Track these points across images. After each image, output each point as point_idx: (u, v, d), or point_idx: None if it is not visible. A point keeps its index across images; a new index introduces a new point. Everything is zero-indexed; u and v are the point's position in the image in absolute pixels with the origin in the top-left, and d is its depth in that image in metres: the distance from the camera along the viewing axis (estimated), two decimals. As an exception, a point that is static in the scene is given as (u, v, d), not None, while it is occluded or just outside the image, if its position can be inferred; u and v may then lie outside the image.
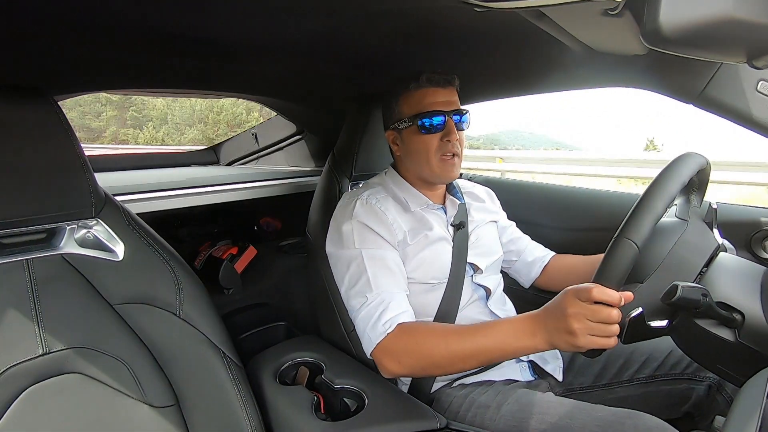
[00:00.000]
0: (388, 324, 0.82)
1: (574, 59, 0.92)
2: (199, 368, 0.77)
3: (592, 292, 0.64)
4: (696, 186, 0.81)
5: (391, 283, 0.87)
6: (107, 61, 0.97)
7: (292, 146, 1.82)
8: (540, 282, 1.14)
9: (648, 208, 0.64)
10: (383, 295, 0.85)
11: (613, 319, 0.64)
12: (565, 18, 0.62)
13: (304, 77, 1.27)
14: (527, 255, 1.14)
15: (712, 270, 0.65)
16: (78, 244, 0.74)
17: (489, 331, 0.76)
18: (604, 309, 0.64)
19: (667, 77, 0.87)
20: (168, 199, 1.16)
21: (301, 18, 0.80)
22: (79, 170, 0.72)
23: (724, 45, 0.40)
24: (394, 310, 0.83)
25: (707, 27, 0.37)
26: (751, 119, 0.79)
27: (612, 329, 0.65)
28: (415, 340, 0.80)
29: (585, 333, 0.65)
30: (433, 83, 0.95)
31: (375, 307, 0.84)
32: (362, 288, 0.87)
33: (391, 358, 0.81)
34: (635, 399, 0.92)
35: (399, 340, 0.81)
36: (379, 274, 0.87)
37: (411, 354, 0.80)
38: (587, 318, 0.65)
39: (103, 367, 0.70)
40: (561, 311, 0.68)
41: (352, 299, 0.88)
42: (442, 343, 0.78)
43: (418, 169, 0.99)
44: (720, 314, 0.60)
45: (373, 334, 0.82)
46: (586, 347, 0.66)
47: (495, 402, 0.84)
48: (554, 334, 0.69)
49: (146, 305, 0.76)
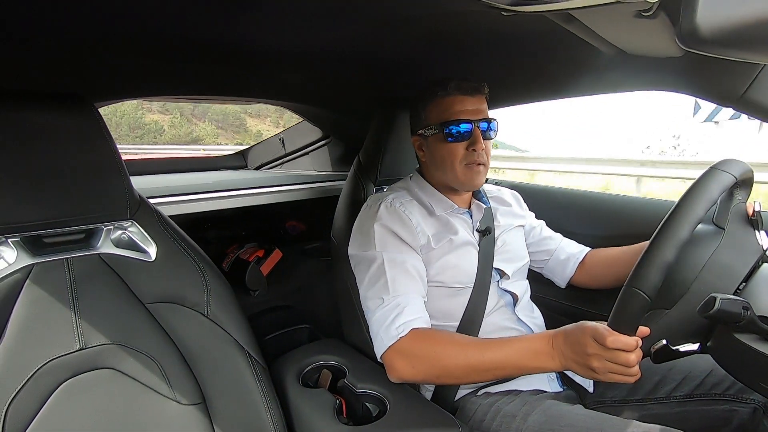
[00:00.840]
0: (402, 328, 0.81)
1: (606, 62, 0.90)
2: (225, 368, 0.78)
3: (606, 341, 0.65)
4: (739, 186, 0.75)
5: (409, 288, 0.87)
6: (145, 70, 1.01)
7: (318, 151, 1.85)
8: (577, 279, 1.11)
9: (657, 255, 0.61)
10: (399, 298, 0.85)
11: (631, 363, 0.65)
12: (596, 20, 0.61)
13: (330, 83, 1.29)
14: (560, 253, 1.11)
15: (754, 281, 0.62)
16: (114, 245, 0.77)
17: (507, 347, 0.76)
18: (622, 354, 0.65)
19: (705, 80, 0.83)
20: (198, 202, 1.20)
21: (327, 24, 0.81)
22: (116, 174, 0.75)
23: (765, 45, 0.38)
24: (409, 315, 0.83)
25: (748, 27, 0.35)
26: None
27: (632, 371, 0.66)
28: (431, 347, 0.80)
29: (605, 371, 0.67)
30: (462, 91, 0.94)
31: (391, 309, 0.84)
32: (379, 290, 0.86)
33: (404, 360, 0.81)
34: (671, 418, 0.87)
35: (413, 344, 0.81)
36: (398, 278, 0.87)
37: (425, 359, 0.79)
38: (606, 359, 0.66)
39: (135, 363, 0.72)
40: (581, 347, 0.68)
41: (368, 300, 0.89)
42: (460, 354, 0.77)
43: (442, 176, 0.99)
44: (763, 329, 0.57)
45: (386, 336, 0.82)
46: (605, 381, 0.68)
47: (521, 412, 0.82)
48: (573, 364, 0.70)
49: (176, 305, 0.78)
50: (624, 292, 0.62)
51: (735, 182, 0.68)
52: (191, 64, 1.01)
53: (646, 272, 0.61)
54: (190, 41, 0.86)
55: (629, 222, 1.23)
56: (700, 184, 0.65)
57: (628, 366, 0.65)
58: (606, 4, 0.49)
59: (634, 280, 0.61)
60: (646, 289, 0.60)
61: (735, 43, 0.37)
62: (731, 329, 0.59)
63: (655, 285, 0.60)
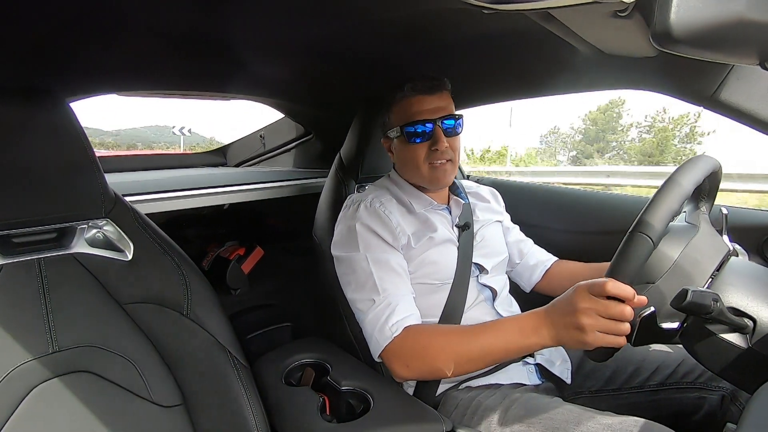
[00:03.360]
0: (395, 327, 0.82)
1: (583, 61, 0.92)
2: (207, 368, 0.77)
3: (606, 286, 0.62)
4: (706, 191, 0.80)
5: (398, 286, 0.87)
6: (119, 64, 0.98)
7: (299, 148, 1.83)
8: (541, 287, 1.13)
9: (663, 203, 0.63)
10: (390, 298, 0.85)
11: (625, 316, 0.62)
12: (574, 20, 0.62)
13: (312, 79, 1.28)
14: (530, 258, 1.13)
15: (723, 275, 0.64)
16: (88, 244, 0.75)
17: (493, 330, 0.76)
18: (616, 305, 0.63)
19: (678, 79, 0.86)
20: (177, 199, 1.18)
21: (309, 21, 0.80)
22: (90, 171, 0.73)
23: (736, 46, 0.39)
24: (401, 314, 0.83)
25: (718, 28, 0.36)
26: (764, 122, 0.78)
27: (623, 327, 0.63)
28: (421, 344, 0.80)
29: (594, 329, 0.64)
30: (418, 91, 0.94)
31: (382, 310, 0.84)
32: (369, 292, 0.87)
33: (400, 362, 0.82)
34: (645, 406, 0.90)
35: (405, 343, 0.81)
36: (385, 277, 0.87)
37: (418, 358, 0.80)
38: (598, 314, 0.64)
39: (112, 365, 0.71)
40: (571, 306, 0.67)
41: (358, 303, 0.89)
42: (447, 347, 0.78)
43: (411, 176, 1.01)
44: (731, 320, 0.59)
45: (380, 337, 0.83)
46: (593, 344, 0.65)
47: (502, 406, 0.83)
48: (561, 330, 0.68)
49: (155, 305, 0.76)
50: (629, 237, 0.63)
51: (717, 169, 0.72)
52: (168, 58, 0.98)
53: (652, 218, 0.62)
54: (167, 34, 0.84)
55: (605, 218, 1.27)
56: (700, 156, 0.70)
57: (622, 318, 0.62)
58: (583, 3, 0.50)
59: (640, 225, 0.62)
60: (652, 234, 0.61)
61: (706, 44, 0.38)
62: (702, 320, 0.61)
63: (660, 232, 0.61)
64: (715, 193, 0.80)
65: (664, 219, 0.62)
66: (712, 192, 0.80)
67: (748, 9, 0.35)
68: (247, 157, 1.98)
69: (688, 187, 0.65)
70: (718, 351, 0.62)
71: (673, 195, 0.63)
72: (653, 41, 0.39)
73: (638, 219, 0.64)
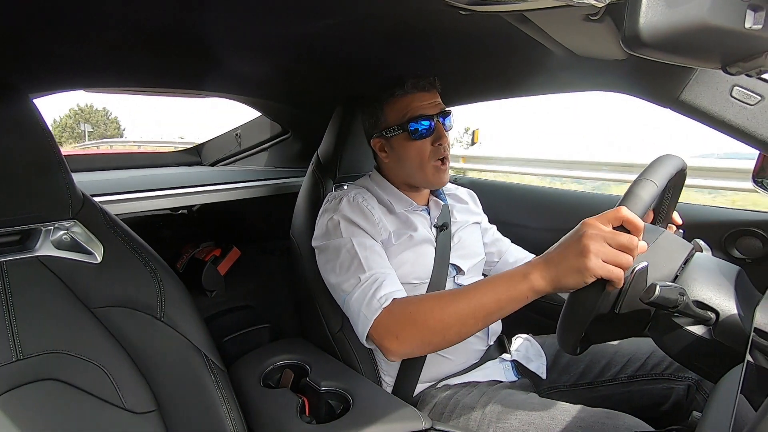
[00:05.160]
0: (384, 299, 0.79)
1: (558, 63, 0.94)
2: (182, 372, 0.75)
3: (620, 211, 0.62)
4: (671, 189, 0.83)
5: (383, 265, 0.87)
6: (87, 58, 0.95)
7: (277, 147, 1.81)
8: None
9: (667, 160, 0.70)
10: (377, 274, 0.84)
11: (633, 245, 0.61)
12: (548, 22, 0.63)
13: (290, 78, 1.26)
14: (509, 256, 1.15)
15: (688, 269, 0.67)
16: (54, 246, 0.72)
17: (482, 286, 0.73)
18: (624, 234, 0.61)
19: (646, 82, 0.89)
20: (149, 200, 1.14)
21: (289, 19, 0.80)
22: (56, 170, 0.70)
23: (699, 51, 0.41)
24: (389, 287, 0.81)
25: (683, 33, 0.38)
26: (725, 124, 0.81)
27: (626, 259, 0.61)
28: (408, 311, 0.77)
29: (598, 256, 0.61)
30: (419, 88, 0.95)
31: (369, 285, 0.82)
32: (355, 271, 0.85)
33: (390, 336, 0.77)
34: (617, 398, 0.93)
35: (393, 314, 0.78)
36: (370, 257, 0.86)
37: (408, 326, 0.76)
38: (605, 240, 0.61)
39: (81, 373, 0.68)
40: (576, 234, 0.65)
41: (344, 284, 0.85)
42: (436, 308, 0.75)
43: (409, 176, 1.00)
44: (696, 313, 0.62)
45: (368, 312, 0.79)
46: (593, 272, 0.61)
47: (479, 403, 0.85)
48: (561, 263, 0.65)
49: (127, 309, 0.74)
50: (636, 182, 0.66)
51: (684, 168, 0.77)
52: (140, 53, 0.95)
53: (657, 168, 0.68)
54: (139, 28, 0.81)
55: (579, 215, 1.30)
56: (669, 154, 0.75)
57: (629, 247, 0.61)
58: (557, 6, 0.51)
59: (646, 173, 0.67)
60: (657, 179, 0.65)
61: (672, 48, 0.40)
62: (669, 313, 0.64)
63: (664, 179, 0.66)
64: (679, 191, 0.84)
65: (669, 171, 0.69)
66: (677, 189, 0.83)
67: (711, 16, 0.37)
68: (222, 156, 1.95)
69: (671, 170, 0.70)
70: (684, 343, 0.64)
71: (671, 161, 0.69)
72: (623, 45, 0.40)
73: (645, 170, 0.68)
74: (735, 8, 0.37)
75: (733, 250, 1.06)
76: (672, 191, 0.84)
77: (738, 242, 1.05)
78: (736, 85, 0.80)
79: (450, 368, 0.94)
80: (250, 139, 1.86)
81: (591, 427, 0.73)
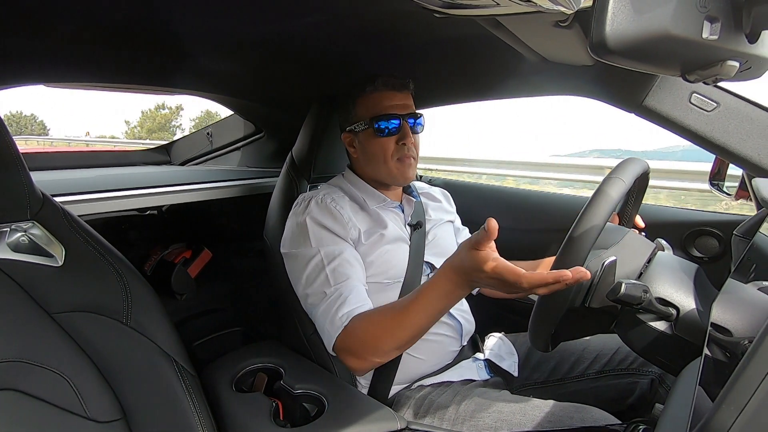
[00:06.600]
0: (345, 317, 0.81)
1: (529, 67, 0.96)
2: (149, 379, 0.73)
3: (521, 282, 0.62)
4: (635, 191, 0.87)
5: (350, 275, 0.87)
6: (48, 51, 0.90)
7: (250, 146, 1.77)
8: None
9: (624, 169, 0.71)
10: (341, 288, 0.85)
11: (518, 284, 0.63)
12: (520, 27, 0.65)
13: (263, 76, 1.25)
14: None
15: (651, 268, 0.70)
16: (11, 249, 0.68)
17: (420, 304, 0.75)
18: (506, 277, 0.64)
19: (612, 87, 0.92)
20: (114, 200, 1.10)
21: (263, 17, 0.78)
22: (12, 168, 0.66)
23: (661, 59, 0.43)
24: (352, 304, 0.83)
25: (647, 42, 0.39)
26: (684, 128, 0.86)
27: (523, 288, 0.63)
28: (366, 329, 0.80)
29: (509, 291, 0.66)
30: (390, 87, 0.96)
31: (333, 301, 0.84)
32: (321, 285, 0.86)
33: (350, 355, 0.82)
34: (586, 393, 0.96)
35: (352, 334, 0.81)
36: (338, 268, 0.87)
37: (365, 345, 0.80)
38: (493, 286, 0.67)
39: (42, 382, 0.65)
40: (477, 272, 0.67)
41: (310, 297, 0.88)
42: (385, 334, 0.78)
43: (375, 172, 1.01)
44: (658, 309, 0.64)
45: (331, 329, 0.82)
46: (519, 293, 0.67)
47: (453, 402, 0.86)
48: (478, 282, 0.70)
49: (91, 314, 0.71)
50: (605, 180, 0.69)
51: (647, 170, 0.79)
52: (105, 47, 0.91)
53: (626, 167, 0.71)
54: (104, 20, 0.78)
55: (548, 216, 1.34)
56: (633, 158, 0.76)
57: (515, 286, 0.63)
58: (528, 12, 0.53)
59: (616, 171, 0.70)
60: (626, 178, 0.69)
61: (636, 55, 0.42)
62: (634, 310, 0.66)
63: (632, 178, 0.70)
64: (642, 195, 0.87)
65: (634, 171, 0.71)
66: (640, 193, 0.87)
67: (673, 26, 0.38)
68: (193, 155, 1.89)
69: (624, 189, 0.70)
70: (648, 338, 0.67)
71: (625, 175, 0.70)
72: (590, 51, 0.42)
73: (613, 170, 0.70)
74: (693, 19, 0.39)
75: (692, 249, 1.11)
76: (635, 195, 0.88)
77: (696, 242, 1.11)
78: (695, 92, 0.84)
79: (424, 369, 0.95)
80: (223, 138, 1.82)
81: (561, 421, 0.75)
